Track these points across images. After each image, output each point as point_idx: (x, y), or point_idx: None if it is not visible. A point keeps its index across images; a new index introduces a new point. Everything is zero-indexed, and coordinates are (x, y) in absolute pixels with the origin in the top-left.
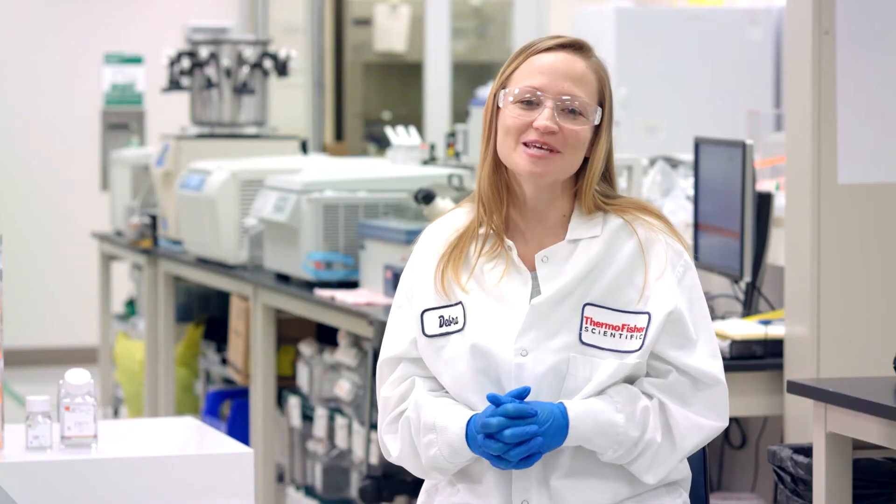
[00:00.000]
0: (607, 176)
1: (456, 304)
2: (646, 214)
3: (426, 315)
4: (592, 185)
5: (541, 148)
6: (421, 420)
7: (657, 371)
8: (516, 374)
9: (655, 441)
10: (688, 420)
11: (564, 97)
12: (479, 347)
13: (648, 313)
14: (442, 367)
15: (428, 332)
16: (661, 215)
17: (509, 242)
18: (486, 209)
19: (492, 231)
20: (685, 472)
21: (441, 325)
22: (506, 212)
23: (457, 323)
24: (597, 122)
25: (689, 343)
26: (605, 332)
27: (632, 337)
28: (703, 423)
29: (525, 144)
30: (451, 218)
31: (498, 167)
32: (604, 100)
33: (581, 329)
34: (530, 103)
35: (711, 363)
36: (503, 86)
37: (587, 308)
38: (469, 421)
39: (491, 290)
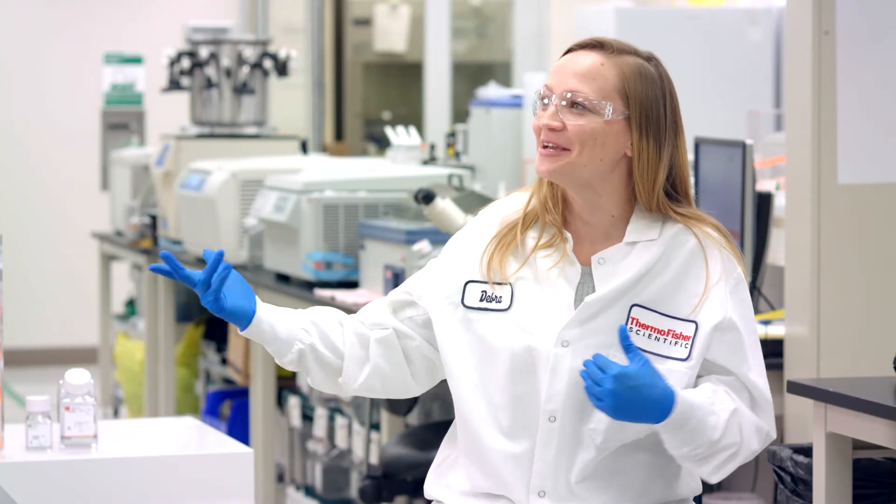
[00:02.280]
0: (677, 187)
1: (505, 283)
2: (706, 226)
3: (469, 286)
4: (644, 184)
5: (547, 147)
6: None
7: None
8: (553, 364)
9: (732, 444)
10: (752, 422)
11: (566, 93)
12: (523, 331)
13: (696, 322)
14: (465, 339)
15: (468, 303)
16: (723, 229)
17: (567, 234)
18: (544, 205)
19: (550, 221)
20: (697, 490)
21: (482, 300)
22: (562, 209)
23: (500, 301)
24: (608, 117)
25: (744, 357)
26: (649, 335)
27: (677, 344)
28: (762, 426)
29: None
30: (514, 200)
31: None
32: (628, 96)
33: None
34: (544, 105)
35: (762, 382)
36: None
37: (634, 309)
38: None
39: (541, 277)
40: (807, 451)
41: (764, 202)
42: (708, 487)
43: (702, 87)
